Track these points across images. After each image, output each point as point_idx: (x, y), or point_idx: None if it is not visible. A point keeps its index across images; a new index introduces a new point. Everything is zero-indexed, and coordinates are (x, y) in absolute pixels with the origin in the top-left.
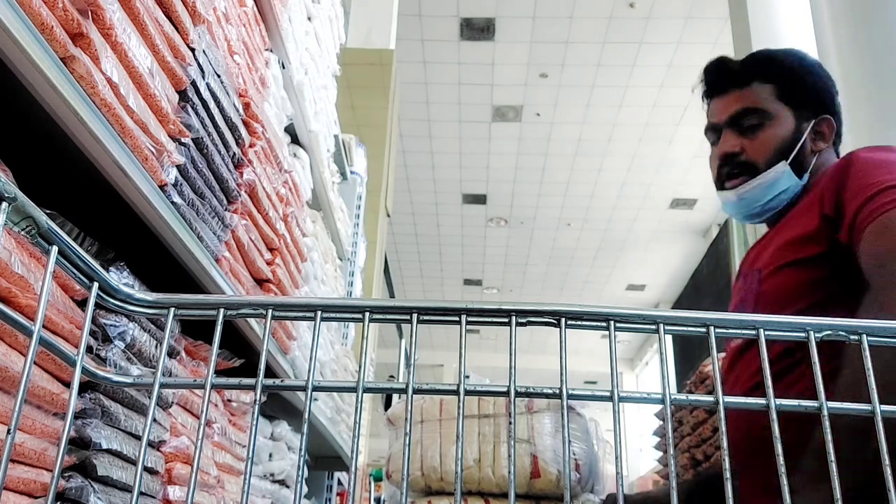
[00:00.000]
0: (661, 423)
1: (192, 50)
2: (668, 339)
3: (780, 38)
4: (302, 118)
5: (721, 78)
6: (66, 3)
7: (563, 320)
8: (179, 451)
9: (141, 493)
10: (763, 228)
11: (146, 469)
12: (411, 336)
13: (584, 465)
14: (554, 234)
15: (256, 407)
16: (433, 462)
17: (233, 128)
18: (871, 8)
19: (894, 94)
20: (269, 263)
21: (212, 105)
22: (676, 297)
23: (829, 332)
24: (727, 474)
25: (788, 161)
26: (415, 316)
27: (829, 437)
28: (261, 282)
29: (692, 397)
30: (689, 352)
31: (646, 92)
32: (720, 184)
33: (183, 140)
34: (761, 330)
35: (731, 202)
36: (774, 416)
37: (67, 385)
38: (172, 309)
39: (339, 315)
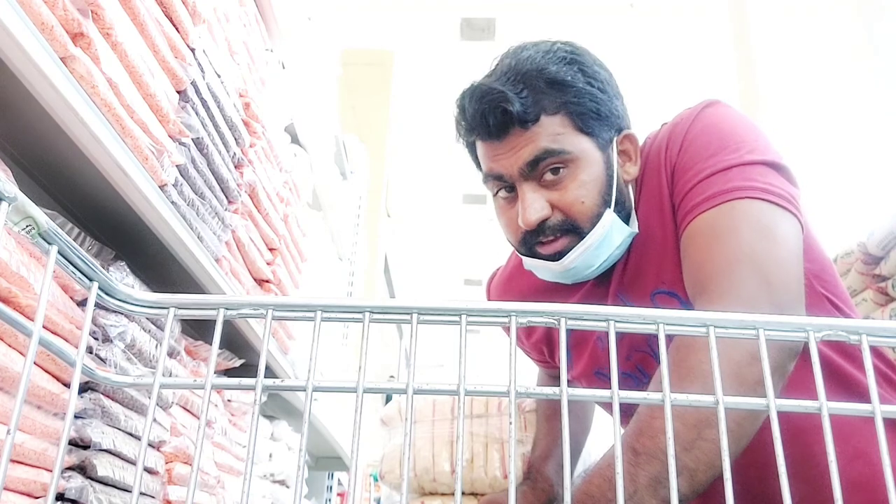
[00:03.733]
0: None
1: (192, 50)
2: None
3: (781, 37)
4: (302, 118)
5: (493, 116)
6: (66, 3)
7: (563, 320)
8: (179, 451)
9: (141, 493)
10: None
11: (146, 469)
12: (411, 336)
13: (576, 464)
14: None
15: (256, 407)
16: (426, 463)
17: (233, 128)
18: (871, 7)
19: (892, 93)
20: (269, 263)
21: (212, 105)
22: None
23: (828, 332)
24: (727, 474)
25: (612, 207)
26: (415, 316)
27: (829, 437)
28: (261, 282)
29: (692, 397)
30: None
31: (646, 92)
32: (528, 251)
33: (183, 140)
34: (761, 330)
35: (555, 273)
36: (775, 415)
37: (67, 385)
38: (172, 309)
39: (339, 315)
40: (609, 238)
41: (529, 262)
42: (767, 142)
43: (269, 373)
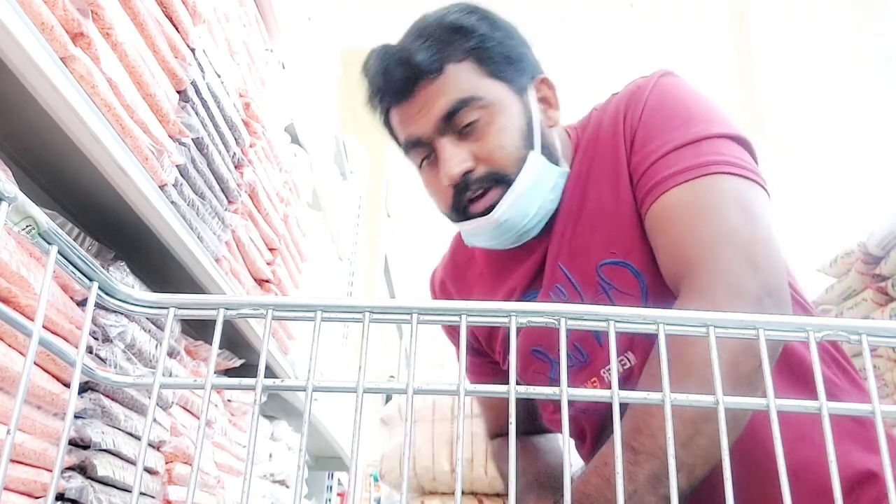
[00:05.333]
0: None
1: (192, 50)
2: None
3: (781, 37)
4: (302, 118)
5: (398, 72)
6: (66, 3)
7: (563, 320)
8: (179, 451)
9: (141, 493)
10: None
11: (146, 469)
12: (411, 336)
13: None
14: None
15: (256, 407)
16: (426, 462)
17: (233, 128)
18: (870, 7)
19: (892, 93)
20: (269, 263)
21: (212, 105)
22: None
23: (828, 332)
24: (727, 474)
25: (537, 149)
26: (415, 316)
27: (829, 436)
28: (261, 282)
29: (692, 397)
30: None
31: None
32: (460, 213)
33: (183, 140)
34: (761, 330)
35: (490, 230)
36: (775, 415)
37: (67, 385)
38: (172, 309)
39: (339, 315)
40: (539, 182)
41: (464, 228)
42: (727, 116)
43: (269, 373)
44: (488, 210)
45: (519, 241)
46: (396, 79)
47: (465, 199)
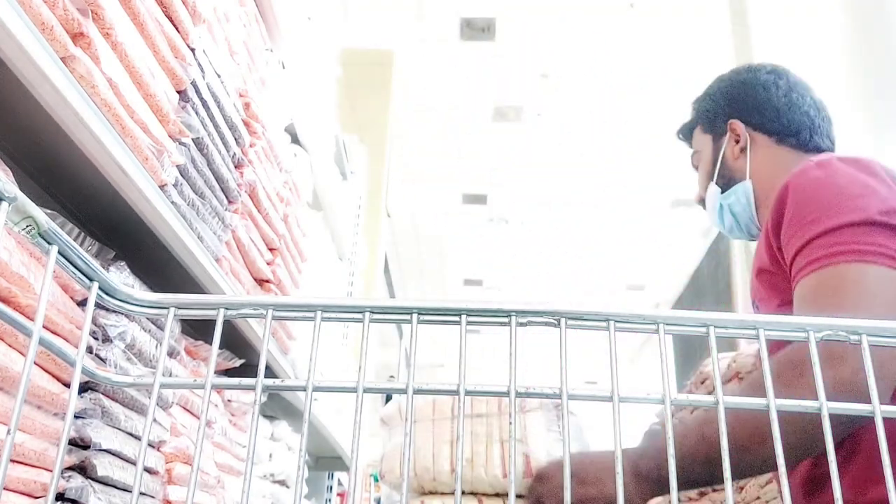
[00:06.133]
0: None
1: (192, 50)
2: (669, 339)
3: (781, 37)
4: (302, 118)
5: (680, 133)
6: (66, 3)
7: (563, 320)
8: (179, 451)
9: (141, 494)
10: None
11: (146, 469)
12: (411, 336)
13: None
14: (554, 234)
15: (256, 407)
16: (425, 462)
17: (233, 128)
18: (870, 7)
19: (893, 93)
20: (269, 263)
21: (212, 105)
22: (676, 297)
23: (829, 332)
24: (727, 474)
25: (714, 180)
26: (415, 316)
27: (829, 436)
28: (261, 282)
29: (692, 397)
30: (690, 352)
31: (646, 92)
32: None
33: (183, 140)
34: (761, 330)
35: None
36: (774, 415)
37: (67, 385)
38: (172, 309)
39: (339, 315)
40: (715, 204)
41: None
42: (865, 199)
43: (269, 373)
44: None
45: (747, 238)
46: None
47: None
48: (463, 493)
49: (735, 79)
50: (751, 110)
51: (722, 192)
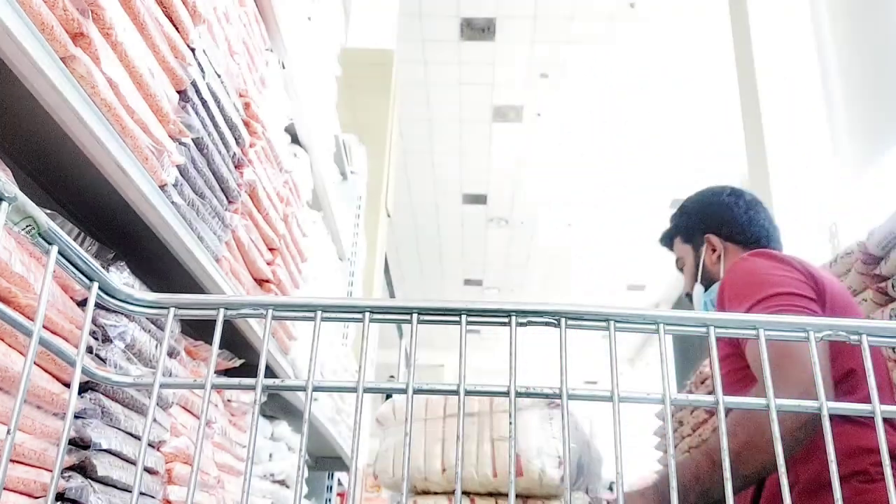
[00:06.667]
0: (662, 423)
1: (192, 50)
2: (669, 339)
3: (781, 37)
4: (302, 118)
5: (665, 237)
6: (66, 3)
7: (563, 320)
8: (179, 451)
9: (141, 494)
10: None
11: (146, 469)
12: (411, 336)
13: (571, 463)
14: (554, 234)
15: (256, 407)
16: (417, 462)
17: (233, 128)
18: (870, 7)
19: (893, 93)
20: (269, 263)
21: (212, 105)
22: (676, 297)
23: (829, 332)
24: (727, 474)
25: (699, 281)
26: (415, 316)
27: (829, 436)
28: (261, 282)
29: (692, 397)
30: (690, 352)
31: (646, 92)
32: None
33: (183, 140)
34: (761, 330)
35: None
36: (774, 416)
37: (67, 385)
38: (172, 309)
39: (339, 315)
40: (700, 300)
41: None
42: (784, 278)
43: (269, 373)
44: None
45: None
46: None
47: None
48: (452, 493)
49: (704, 201)
50: (721, 226)
51: (705, 290)
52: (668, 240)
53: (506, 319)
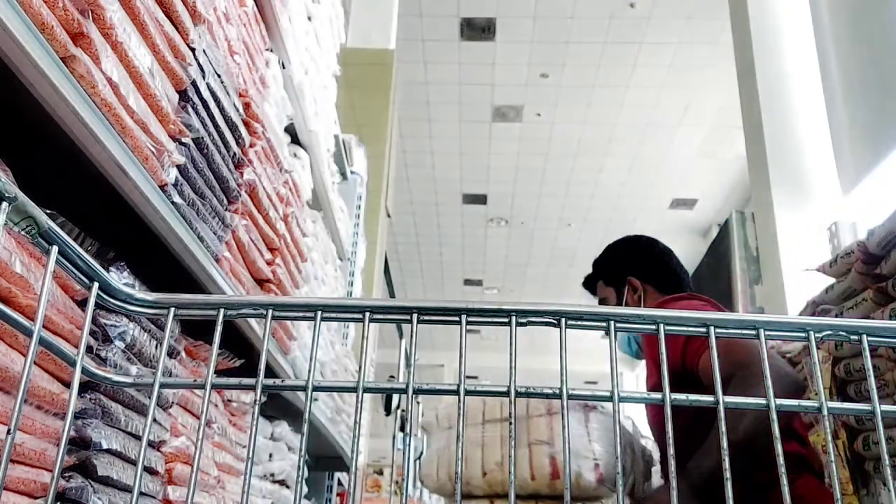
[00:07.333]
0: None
1: (193, 50)
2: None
3: (780, 37)
4: (302, 118)
5: (588, 281)
6: (66, 3)
7: (563, 320)
8: (179, 451)
9: (141, 493)
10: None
11: (146, 469)
12: (411, 336)
13: (606, 465)
14: (554, 234)
15: (256, 407)
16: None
17: (233, 128)
18: (870, 7)
19: (894, 93)
20: (269, 263)
21: (212, 105)
22: None
23: (829, 332)
24: (727, 474)
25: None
26: (415, 316)
27: (829, 436)
28: (261, 282)
29: (692, 397)
30: None
31: (646, 92)
32: None
33: (183, 140)
34: (761, 330)
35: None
36: (774, 416)
37: (67, 385)
38: (172, 309)
39: (339, 315)
40: (620, 338)
41: None
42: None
43: (269, 373)
44: None
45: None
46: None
47: None
48: (497, 495)
49: (624, 248)
50: (639, 270)
51: None
52: (591, 283)
53: (506, 319)
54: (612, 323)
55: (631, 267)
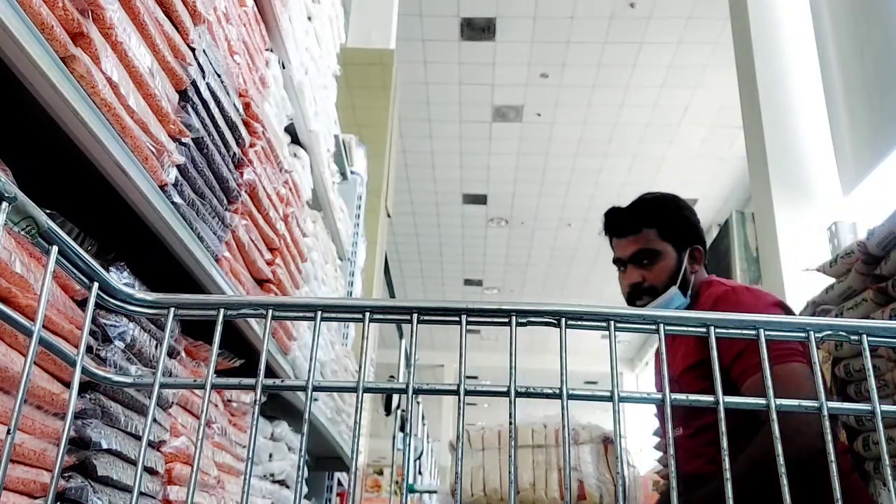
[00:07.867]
0: (660, 423)
1: (193, 50)
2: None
3: (780, 37)
4: (302, 118)
5: (617, 224)
6: (66, 3)
7: (563, 320)
8: (179, 451)
9: (141, 494)
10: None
11: (146, 469)
12: (411, 336)
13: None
14: (554, 234)
15: (256, 407)
16: (494, 484)
17: (233, 128)
18: (870, 8)
19: (894, 94)
20: (269, 263)
21: (212, 105)
22: None
23: (829, 333)
24: (727, 475)
25: (677, 285)
26: (415, 316)
27: (829, 436)
28: (261, 282)
29: (692, 397)
30: None
31: (646, 92)
32: (631, 304)
33: (183, 140)
34: (762, 330)
35: None
36: (774, 416)
37: (67, 385)
38: (172, 309)
39: (339, 315)
40: (671, 300)
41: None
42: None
43: (269, 373)
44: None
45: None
46: (615, 227)
47: (634, 300)
48: None
49: (690, 217)
50: (702, 247)
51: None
52: (634, 224)
53: (506, 319)
54: (612, 323)
55: (698, 239)
